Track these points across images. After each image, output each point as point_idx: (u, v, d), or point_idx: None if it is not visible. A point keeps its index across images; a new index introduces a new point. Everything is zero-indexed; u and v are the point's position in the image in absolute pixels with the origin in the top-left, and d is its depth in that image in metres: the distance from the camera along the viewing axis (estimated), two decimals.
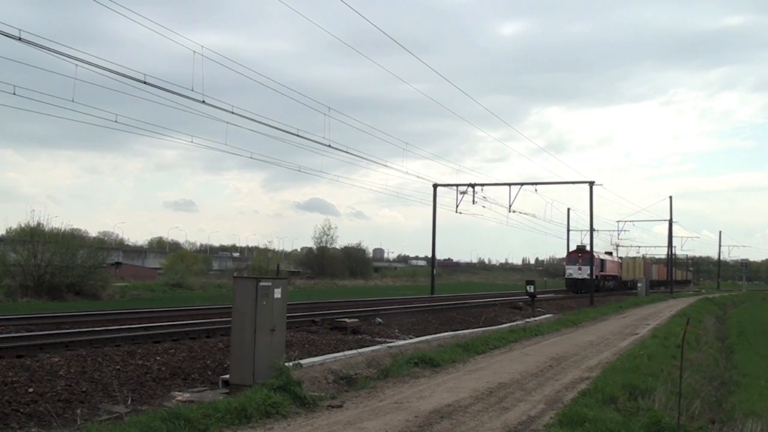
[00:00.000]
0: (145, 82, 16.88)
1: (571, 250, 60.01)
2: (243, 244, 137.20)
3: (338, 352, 13.26)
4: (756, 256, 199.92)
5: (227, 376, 10.27)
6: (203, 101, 18.36)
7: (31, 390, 8.86)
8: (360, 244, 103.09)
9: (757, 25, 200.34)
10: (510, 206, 41.58)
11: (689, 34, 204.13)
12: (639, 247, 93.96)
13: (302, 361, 10.93)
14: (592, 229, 44.30)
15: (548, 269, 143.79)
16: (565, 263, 60.70)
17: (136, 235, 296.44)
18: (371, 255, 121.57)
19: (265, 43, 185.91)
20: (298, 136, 23.37)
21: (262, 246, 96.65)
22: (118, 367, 10.64)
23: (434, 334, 17.98)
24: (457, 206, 40.63)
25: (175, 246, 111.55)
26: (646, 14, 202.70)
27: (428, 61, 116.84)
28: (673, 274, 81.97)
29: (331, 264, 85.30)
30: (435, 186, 43.22)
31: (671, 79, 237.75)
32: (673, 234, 70.44)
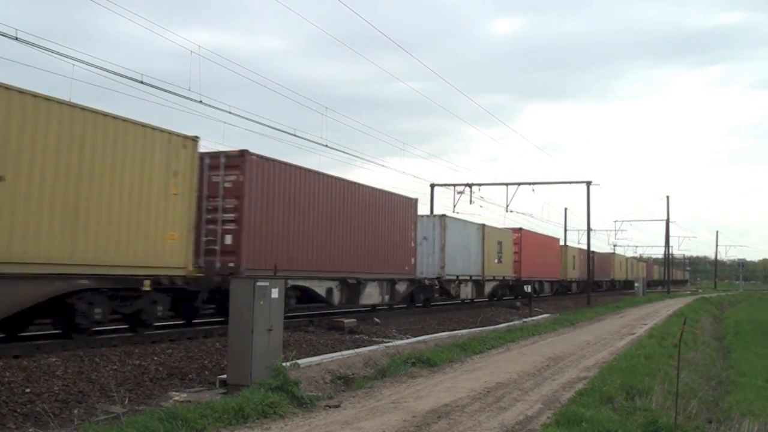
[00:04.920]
0: (142, 82, 16.84)
1: None
2: None
3: (336, 352, 13.25)
4: (753, 256, 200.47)
5: (224, 376, 10.25)
6: (200, 101, 18.33)
7: (28, 390, 8.84)
8: None
9: (754, 23, 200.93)
10: (507, 206, 41.51)
11: (685, 32, 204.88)
12: (636, 246, 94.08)
13: (300, 361, 10.91)
14: (589, 229, 44.31)
15: None
16: None
17: None
18: None
19: (257, 40, 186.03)
20: (295, 135, 23.30)
21: None
22: (116, 367, 10.63)
23: (432, 333, 17.97)
24: (454, 206, 40.48)
25: None
26: (640, 12, 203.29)
27: (423, 59, 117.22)
28: (671, 274, 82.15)
29: None
30: (432, 186, 43.17)
31: (667, 77, 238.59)
32: (670, 234, 70.46)
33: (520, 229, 38.34)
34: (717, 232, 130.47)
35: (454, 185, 41.67)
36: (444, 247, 27.12)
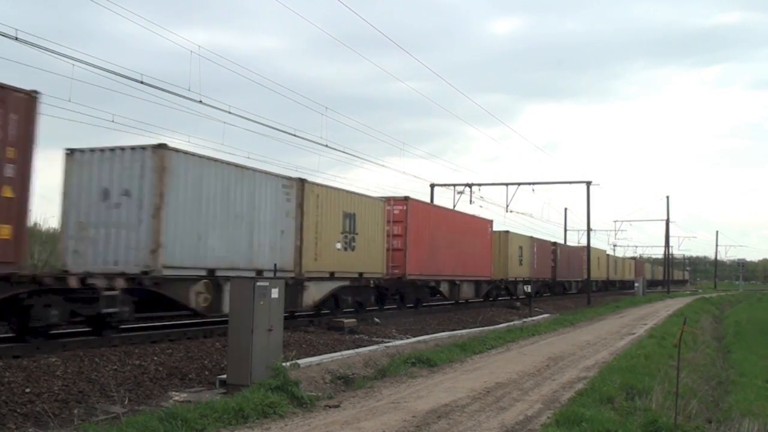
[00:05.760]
0: (142, 82, 16.83)
1: None
2: None
3: (336, 352, 13.26)
4: (753, 256, 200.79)
5: (224, 376, 10.26)
6: (200, 101, 18.32)
7: (28, 390, 8.84)
8: None
9: (753, 23, 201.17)
10: (507, 206, 41.51)
11: (684, 31, 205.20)
12: (636, 246, 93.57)
13: (299, 361, 10.92)
14: (589, 229, 44.32)
15: None
16: None
17: None
18: None
19: (257, 40, 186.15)
20: (295, 135, 23.25)
21: None
22: (115, 367, 10.63)
23: (432, 334, 17.97)
24: (454, 206, 40.51)
25: None
26: (640, 12, 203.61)
27: (422, 59, 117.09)
28: (671, 274, 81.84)
29: None
30: (432, 186, 43.17)
31: (666, 77, 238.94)
32: (670, 234, 70.42)
33: (406, 198, 23.73)
34: (717, 232, 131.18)
35: (454, 185, 41.71)
36: (161, 212, 13.48)
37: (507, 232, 35.87)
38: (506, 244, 35.25)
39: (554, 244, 45.46)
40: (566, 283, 48.39)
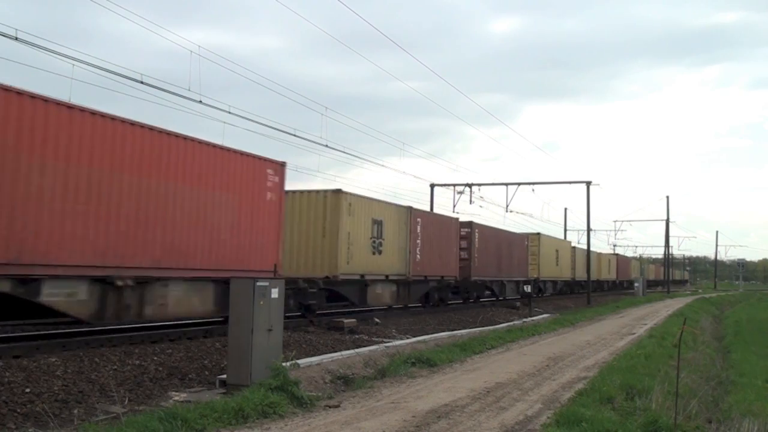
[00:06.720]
0: (142, 82, 16.81)
1: None
2: None
3: (336, 352, 13.26)
4: (753, 256, 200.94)
5: (224, 376, 10.26)
6: (200, 101, 18.30)
7: (28, 390, 8.84)
8: None
9: (752, 22, 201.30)
10: (507, 206, 41.49)
11: (684, 31, 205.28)
12: (636, 247, 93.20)
13: (299, 361, 10.93)
14: (589, 229, 44.32)
15: None
16: None
17: None
18: None
19: (257, 40, 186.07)
20: (295, 135, 23.22)
21: None
22: (115, 367, 10.63)
23: (432, 334, 17.98)
24: (454, 206, 40.47)
25: None
26: (640, 11, 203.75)
27: (422, 59, 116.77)
28: (671, 274, 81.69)
29: None
30: (432, 186, 43.15)
31: (666, 76, 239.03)
32: (670, 234, 70.32)
33: None
34: (717, 232, 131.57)
35: (454, 185, 41.66)
36: None
37: (339, 191, 19.50)
38: (337, 214, 19.05)
39: (469, 224, 29.73)
40: (492, 284, 32.11)
